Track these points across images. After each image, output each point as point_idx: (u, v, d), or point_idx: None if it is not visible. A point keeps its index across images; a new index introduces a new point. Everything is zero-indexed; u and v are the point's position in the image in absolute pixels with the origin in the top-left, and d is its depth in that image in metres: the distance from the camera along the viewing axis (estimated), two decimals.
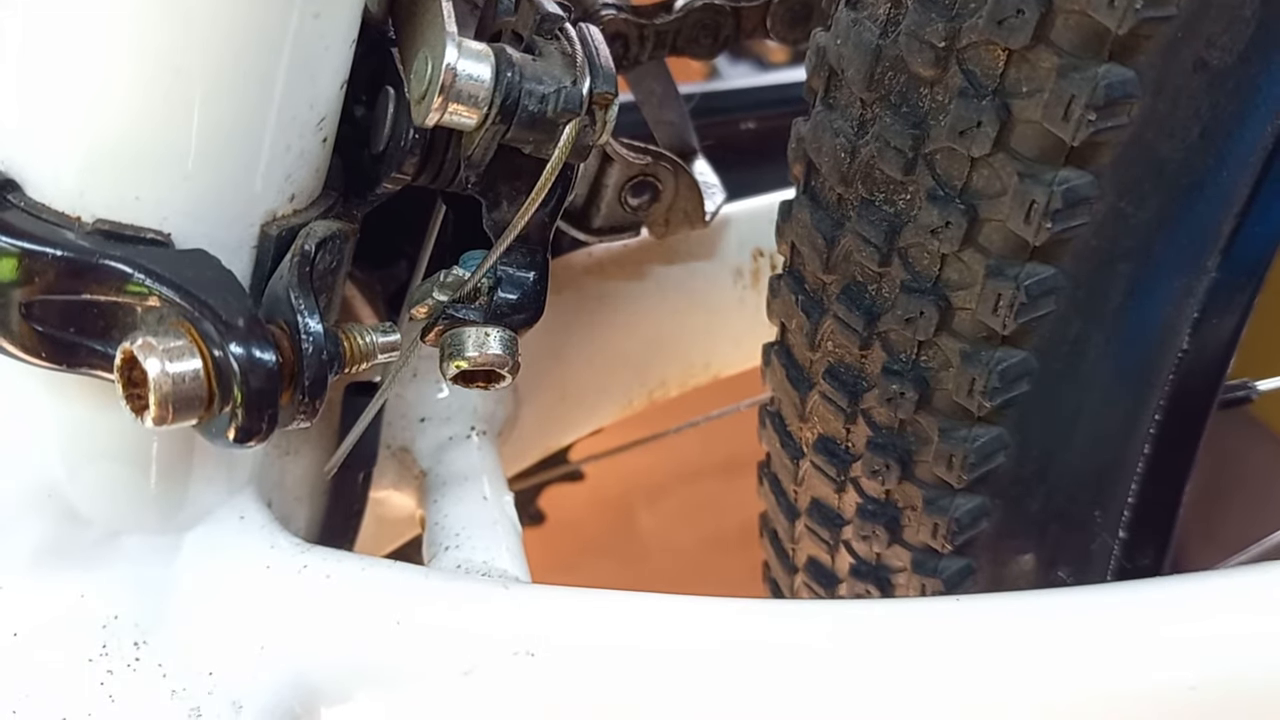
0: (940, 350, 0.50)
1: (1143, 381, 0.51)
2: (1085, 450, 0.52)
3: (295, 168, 0.42)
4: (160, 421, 0.38)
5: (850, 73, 0.48)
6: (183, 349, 0.37)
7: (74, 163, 0.39)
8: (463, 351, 0.46)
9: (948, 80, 0.45)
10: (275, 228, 0.42)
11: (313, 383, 0.39)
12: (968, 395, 0.49)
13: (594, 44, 0.43)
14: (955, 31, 0.44)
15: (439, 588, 0.48)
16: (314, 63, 0.41)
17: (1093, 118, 0.42)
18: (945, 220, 0.47)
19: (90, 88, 0.38)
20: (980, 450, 0.50)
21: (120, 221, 0.39)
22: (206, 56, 0.38)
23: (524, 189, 0.44)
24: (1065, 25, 0.41)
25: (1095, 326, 0.49)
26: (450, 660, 0.47)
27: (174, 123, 0.39)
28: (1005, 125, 0.44)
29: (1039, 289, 0.47)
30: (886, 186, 0.48)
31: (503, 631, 0.47)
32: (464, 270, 0.46)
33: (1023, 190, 0.44)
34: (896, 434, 0.53)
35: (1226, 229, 0.48)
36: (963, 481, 0.51)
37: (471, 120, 0.41)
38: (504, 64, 0.41)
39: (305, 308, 0.39)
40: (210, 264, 0.40)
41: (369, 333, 0.43)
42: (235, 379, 0.37)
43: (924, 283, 0.49)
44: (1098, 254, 0.47)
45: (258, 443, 0.39)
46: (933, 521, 0.53)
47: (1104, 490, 0.54)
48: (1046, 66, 0.42)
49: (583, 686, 0.47)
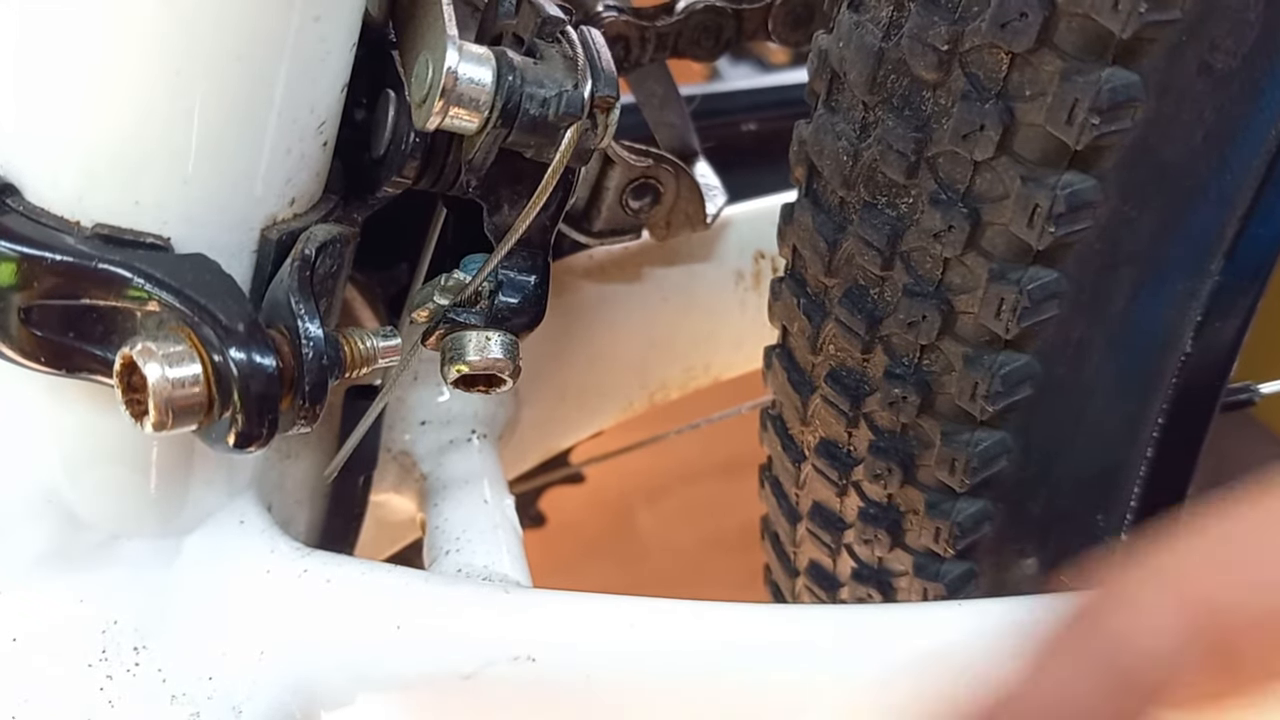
0: (943, 354, 0.50)
1: (1145, 385, 0.51)
2: (1088, 454, 0.52)
3: (296, 171, 0.42)
4: (160, 427, 0.38)
5: (852, 75, 0.48)
6: (182, 354, 0.37)
7: (73, 167, 0.39)
8: (464, 355, 0.45)
9: (951, 83, 0.45)
10: (275, 232, 0.42)
11: (313, 387, 0.39)
12: (970, 399, 0.49)
13: (595, 47, 0.43)
14: (958, 35, 0.43)
15: (440, 592, 0.48)
16: (314, 66, 0.41)
17: (1096, 121, 0.42)
18: (948, 224, 0.46)
19: (89, 91, 0.38)
20: (983, 454, 0.50)
21: (120, 226, 0.39)
22: (206, 59, 0.38)
23: (525, 193, 0.44)
24: (1069, 28, 0.41)
25: (1098, 330, 0.49)
26: (451, 665, 0.46)
27: (173, 126, 0.39)
28: (1008, 129, 0.44)
29: (1042, 293, 0.47)
30: (889, 190, 0.48)
31: (503, 636, 0.47)
32: (465, 274, 0.46)
33: (1026, 194, 0.44)
34: (899, 438, 0.52)
35: (1230, 232, 0.48)
36: (965, 485, 0.51)
37: (473, 124, 0.41)
38: (505, 67, 0.41)
39: (305, 312, 0.39)
40: (210, 268, 0.39)
41: (369, 337, 0.42)
42: (235, 384, 0.37)
43: (926, 286, 0.49)
44: (1101, 257, 0.46)
45: (258, 448, 0.39)
46: (935, 525, 0.53)
47: (1107, 494, 0.54)
48: (1050, 70, 0.42)
49: (583, 691, 0.47)
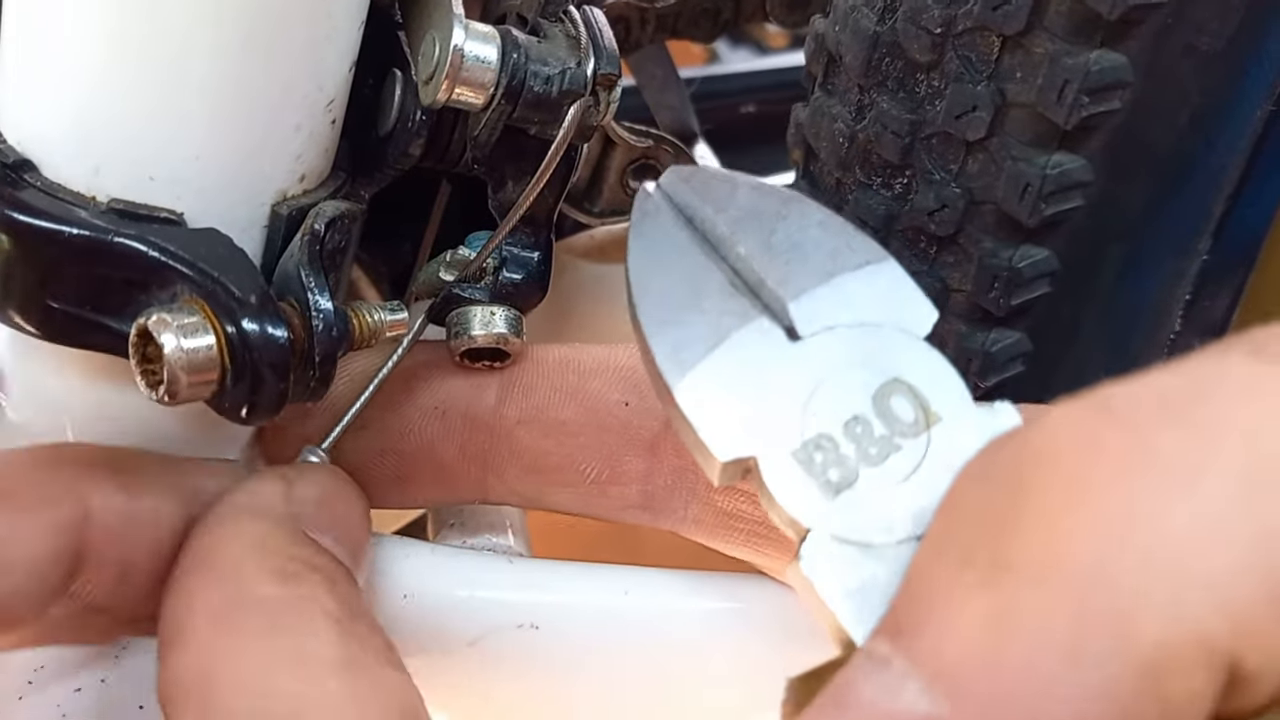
0: (936, 333, 0.51)
1: (1134, 363, 0.52)
2: None
3: (305, 148, 0.43)
4: (174, 397, 0.38)
5: (849, 58, 0.49)
6: (196, 325, 0.38)
7: (89, 143, 0.40)
8: (469, 330, 0.46)
9: (944, 66, 0.46)
10: (285, 207, 0.43)
11: (323, 359, 0.40)
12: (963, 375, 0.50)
13: (598, 26, 0.44)
14: (951, 18, 0.44)
15: (445, 563, 0.49)
16: (322, 44, 0.41)
17: (1085, 102, 0.43)
18: (941, 203, 0.48)
19: (104, 70, 0.39)
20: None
21: (134, 201, 0.40)
22: (217, 35, 0.39)
23: (529, 169, 0.45)
24: (1058, 11, 0.42)
25: (1088, 308, 0.50)
26: (457, 632, 0.48)
27: (185, 103, 0.40)
28: (1000, 110, 0.45)
29: (1033, 271, 0.48)
30: (884, 170, 0.49)
31: (507, 604, 0.48)
32: (469, 250, 0.47)
33: (1017, 173, 0.45)
34: None
35: (1217, 212, 0.49)
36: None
37: (478, 101, 0.42)
38: (510, 46, 0.42)
39: (315, 285, 0.40)
40: (223, 242, 0.40)
41: (377, 310, 0.43)
42: (248, 354, 0.38)
43: (921, 265, 0.50)
44: (1090, 236, 0.48)
45: (269, 418, 0.40)
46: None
47: None
48: (1040, 52, 0.43)
49: (586, 658, 0.48)
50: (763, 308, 0.35)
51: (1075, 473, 0.26)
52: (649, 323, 0.35)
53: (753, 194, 0.37)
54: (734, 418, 0.33)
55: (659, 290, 0.36)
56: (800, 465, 0.32)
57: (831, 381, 0.34)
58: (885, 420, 0.33)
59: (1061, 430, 0.27)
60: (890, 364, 0.34)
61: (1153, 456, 0.25)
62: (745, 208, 0.37)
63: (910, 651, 0.25)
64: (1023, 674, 0.24)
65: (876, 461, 0.32)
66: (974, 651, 0.24)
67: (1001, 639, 0.24)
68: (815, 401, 0.33)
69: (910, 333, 0.35)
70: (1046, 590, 0.24)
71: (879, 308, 0.35)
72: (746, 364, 0.34)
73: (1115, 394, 0.27)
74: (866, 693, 0.25)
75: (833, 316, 0.35)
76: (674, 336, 0.35)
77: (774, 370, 0.34)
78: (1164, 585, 0.24)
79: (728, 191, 0.37)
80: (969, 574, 0.26)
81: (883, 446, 0.32)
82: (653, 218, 0.37)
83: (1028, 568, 0.25)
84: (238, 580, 0.37)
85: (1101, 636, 0.24)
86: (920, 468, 0.32)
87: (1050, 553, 0.25)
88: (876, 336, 0.34)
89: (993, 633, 0.24)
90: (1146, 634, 0.24)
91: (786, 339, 0.35)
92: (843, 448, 0.33)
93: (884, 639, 0.26)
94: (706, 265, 0.36)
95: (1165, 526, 0.24)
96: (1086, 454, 0.26)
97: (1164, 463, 0.25)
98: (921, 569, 0.27)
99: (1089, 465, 0.25)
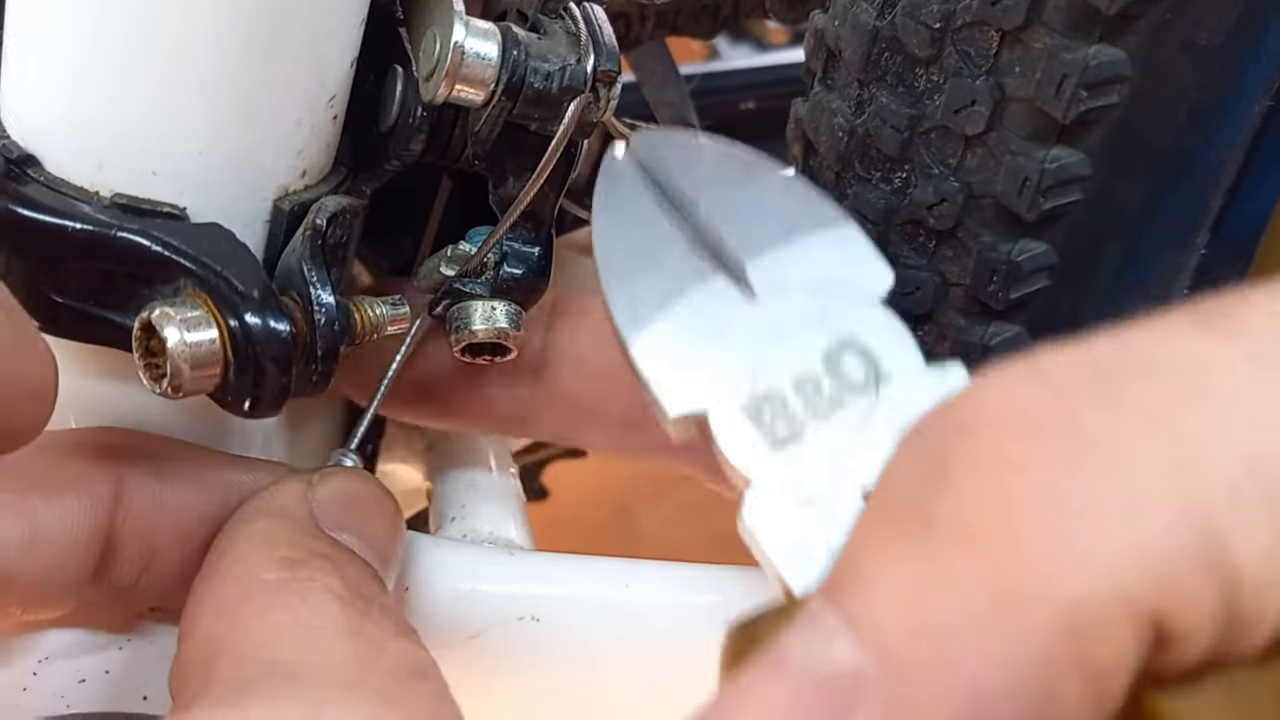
0: (936, 326, 0.51)
1: None
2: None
3: (307, 143, 0.43)
4: (177, 390, 0.39)
5: (848, 54, 0.49)
6: (199, 319, 0.38)
7: (92, 138, 0.40)
8: (470, 325, 0.47)
9: (943, 60, 0.46)
10: (288, 202, 0.43)
11: (325, 353, 0.40)
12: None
13: (598, 22, 0.44)
14: (950, 13, 0.45)
15: (447, 556, 0.50)
16: (324, 40, 0.42)
17: (1084, 97, 0.43)
18: (940, 197, 0.48)
19: (106, 64, 0.39)
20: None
21: (137, 196, 0.40)
22: (219, 31, 0.39)
23: (529, 165, 0.45)
24: (1056, 7, 0.42)
25: (1087, 301, 0.50)
26: (458, 625, 0.48)
27: (187, 98, 0.40)
28: (999, 104, 0.45)
29: (1032, 265, 0.48)
30: (883, 165, 0.50)
31: (509, 597, 0.48)
32: (470, 245, 0.48)
33: (1016, 167, 0.45)
34: None
35: (1215, 206, 0.49)
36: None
37: (479, 97, 0.42)
38: (510, 42, 0.42)
39: (318, 280, 0.40)
40: (225, 237, 0.41)
41: (379, 305, 0.44)
42: (251, 348, 0.38)
43: (920, 259, 0.50)
44: (1089, 230, 0.48)
45: (271, 412, 0.40)
46: None
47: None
48: (1039, 47, 0.43)
49: (587, 651, 0.49)
50: (722, 268, 0.36)
51: (997, 447, 0.26)
52: (609, 280, 0.36)
53: (718, 157, 0.38)
54: (687, 374, 0.34)
55: (622, 250, 0.37)
56: (749, 419, 0.33)
57: (785, 340, 0.34)
58: (836, 379, 0.33)
59: (989, 400, 0.27)
60: (844, 324, 0.34)
61: (1079, 435, 0.25)
62: (710, 170, 0.38)
63: (842, 610, 0.26)
64: (945, 635, 0.24)
65: (823, 418, 0.33)
66: (899, 613, 0.25)
67: (925, 600, 0.25)
68: (767, 359, 0.34)
69: (867, 294, 0.35)
70: (968, 554, 0.25)
71: (837, 269, 0.36)
72: (702, 322, 0.35)
73: (1052, 362, 0.27)
74: (799, 652, 0.26)
75: (790, 277, 0.36)
76: (632, 294, 0.36)
77: (729, 329, 0.35)
78: (1084, 549, 0.24)
79: (694, 154, 0.38)
80: (898, 537, 0.26)
81: (831, 404, 0.33)
82: (619, 179, 0.38)
83: (950, 532, 0.25)
84: (244, 571, 0.37)
85: (1023, 598, 0.24)
86: (867, 426, 0.33)
87: (971, 521, 0.25)
88: (833, 297, 0.35)
89: (917, 594, 0.25)
90: (1068, 592, 0.24)
91: (743, 299, 0.35)
92: (791, 404, 0.33)
93: (821, 598, 0.26)
94: (669, 226, 0.37)
95: (1087, 503, 0.24)
96: (1011, 427, 0.26)
97: (1089, 442, 0.25)
98: (859, 529, 0.28)
99: (1011, 439, 0.26)
